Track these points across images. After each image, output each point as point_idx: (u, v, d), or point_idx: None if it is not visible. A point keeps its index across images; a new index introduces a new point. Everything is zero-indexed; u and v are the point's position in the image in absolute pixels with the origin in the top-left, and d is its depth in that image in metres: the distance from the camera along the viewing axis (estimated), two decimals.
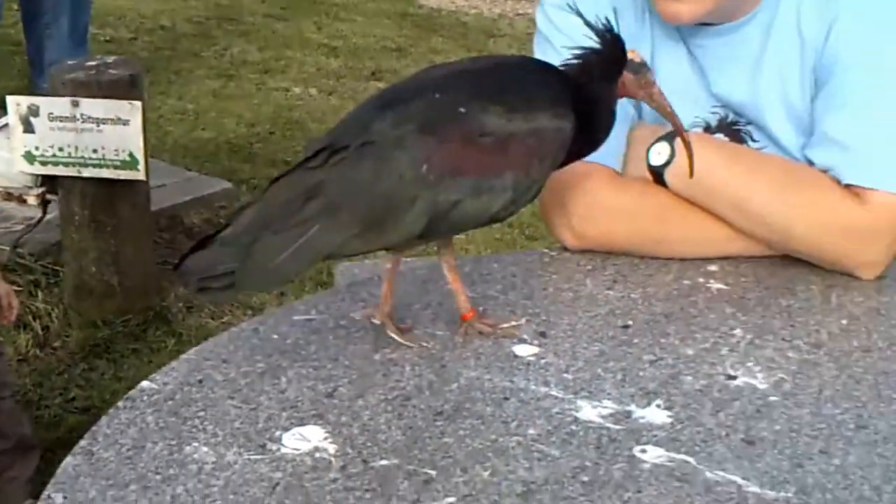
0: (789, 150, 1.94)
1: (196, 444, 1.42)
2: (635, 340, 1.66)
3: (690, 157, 1.66)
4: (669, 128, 1.84)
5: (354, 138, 1.47)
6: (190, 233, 4.70)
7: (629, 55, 1.58)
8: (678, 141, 1.83)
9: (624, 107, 1.91)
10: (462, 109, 1.48)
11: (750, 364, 1.61)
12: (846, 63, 1.85)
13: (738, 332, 1.69)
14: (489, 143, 1.49)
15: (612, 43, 1.55)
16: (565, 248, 1.93)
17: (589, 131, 1.58)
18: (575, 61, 1.57)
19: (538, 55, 1.96)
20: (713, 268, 1.88)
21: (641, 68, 1.59)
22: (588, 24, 1.54)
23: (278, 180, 1.51)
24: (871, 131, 1.83)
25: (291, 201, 1.46)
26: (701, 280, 1.85)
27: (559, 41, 1.89)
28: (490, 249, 4.49)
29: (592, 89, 1.57)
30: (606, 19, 1.53)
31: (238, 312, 4.24)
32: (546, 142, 1.52)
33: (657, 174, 1.85)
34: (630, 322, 1.71)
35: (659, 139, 1.86)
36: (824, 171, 1.83)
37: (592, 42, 1.55)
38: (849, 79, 1.85)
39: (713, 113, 1.98)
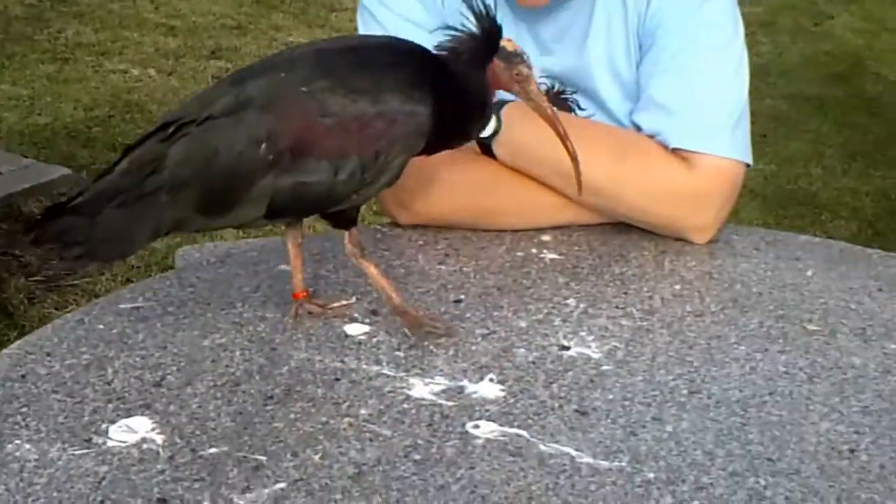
0: (618, 117, 1.94)
1: (18, 441, 1.37)
2: (468, 314, 1.64)
3: (577, 168, 1.56)
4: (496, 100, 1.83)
5: (200, 114, 1.44)
6: (29, 222, 4.58)
7: (503, 42, 1.49)
8: (505, 111, 1.81)
9: None
10: (304, 89, 1.44)
11: (583, 334, 1.61)
12: (668, 27, 1.85)
13: (571, 301, 1.69)
14: (331, 125, 1.44)
15: (483, 25, 1.47)
16: (397, 224, 1.91)
17: (457, 119, 1.52)
18: (446, 43, 1.50)
19: (361, 30, 1.93)
20: (546, 238, 1.87)
21: (514, 58, 1.49)
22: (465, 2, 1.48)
23: (128, 151, 1.48)
24: (696, 95, 1.84)
25: (136, 173, 1.44)
26: (534, 251, 1.84)
27: (382, 14, 1.86)
28: None
29: (461, 75, 1.49)
30: (483, 1, 1.47)
31: (83, 301, 4.15)
32: (395, 126, 1.45)
33: (485, 146, 1.84)
34: (462, 296, 1.69)
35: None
36: (652, 137, 1.83)
37: (461, 22, 1.49)
38: (671, 43, 1.86)
39: (540, 83, 1.97)
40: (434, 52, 1.50)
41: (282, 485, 1.30)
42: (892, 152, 5.28)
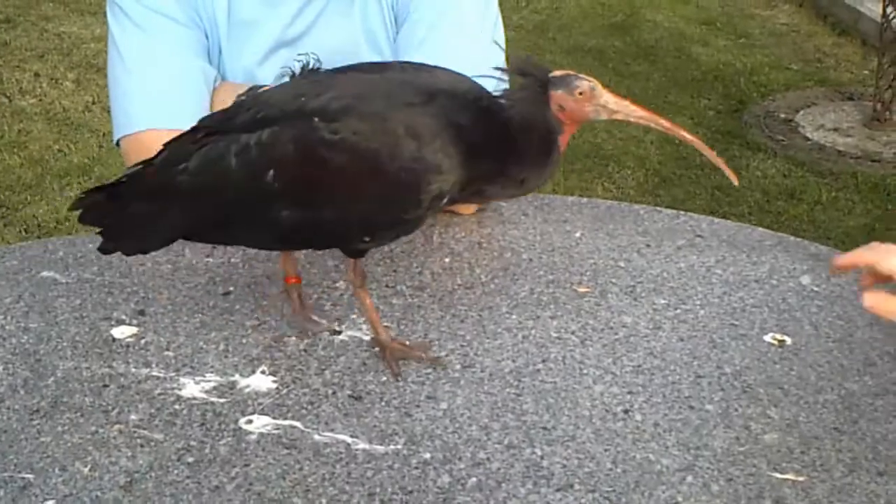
0: None
1: None
2: (237, 307, 1.62)
3: (708, 151, 1.39)
4: (249, 86, 1.80)
5: (225, 123, 1.41)
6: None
7: (553, 74, 1.38)
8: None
9: (206, 71, 1.85)
10: (317, 121, 1.33)
11: (354, 316, 1.59)
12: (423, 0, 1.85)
13: (340, 284, 1.67)
14: (346, 165, 1.33)
15: (522, 67, 1.39)
16: None
17: (510, 163, 1.38)
18: (499, 87, 1.40)
19: (111, 24, 1.87)
20: None
21: (567, 80, 1.37)
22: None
23: (168, 145, 1.46)
24: (450, 64, 1.83)
25: (163, 171, 1.42)
26: None
27: (130, 7, 1.82)
28: None
29: (511, 117, 1.37)
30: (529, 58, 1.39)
31: None
32: (410, 175, 1.33)
33: None
34: (231, 288, 1.66)
35: (240, 97, 1.81)
36: None
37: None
38: (426, 15, 1.85)
39: (297, 61, 1.94)
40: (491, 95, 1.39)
41: (50, 502, 1.26)
42: (672, 97, 5.37)
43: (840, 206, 4.45)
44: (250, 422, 1.39)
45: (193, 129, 1.43)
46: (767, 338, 1.58)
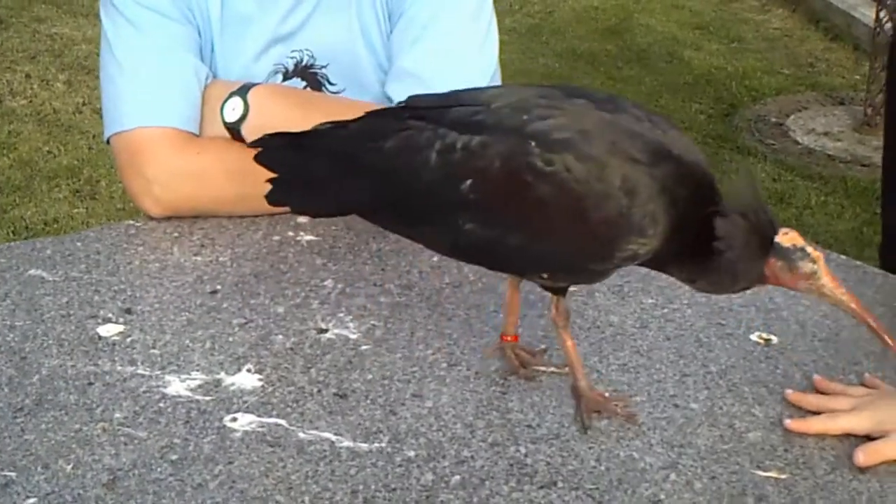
0: (373, 90, 1.93)
1: None
2: (224, 305, 1.62)
3: (874, 328, 1.30)
4: (241, 83, 1.81)
5: (441, 112, 1.35)
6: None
7: (779, 238, 1.27)
8: (252, 93, 1.79)
9: (197, 69, 1.86)
10: (534, 145, 1.26)
11: (341, 315, 1.59)
12: None
13: (328, 283, 1.67)
14: (545, 198, 1.26)
15: (755, 217, 1.28)
16: (152, 218, 1.86)
17: (695, 262, 1.31)
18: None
19: (104, 23, 1.88)
20: (303, 219, 1.85)
21: (792, 254, 1.27)
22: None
23: (372, 114, 1.45)
24: (447, 63, 1.84)
25: (358, 139, 1.39)
26: (291, 234, 1.81)
27: (125, 5, 1.83)
28: None
29: (721, 247, 1.28)
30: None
31: None
32: (611, 231, 1.26)
33: (234, 130, 1.80)
34: (219, 286, 1.66)
35: (231, 94, 1.81)
36: None
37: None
38: (421, 13, 1.85)
39: (291, 58, 1.94)
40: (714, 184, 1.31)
41: (33, 500, 1.26)
42: (664, 101, 5.38)
43: (829, 211, 4.46)
44: (235, 420, 1.39)
45: (402, 107, 1.41)
46: (754, 337, 1.58)
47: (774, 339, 1.58)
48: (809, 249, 1.27)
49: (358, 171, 1.37)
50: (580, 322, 1.59)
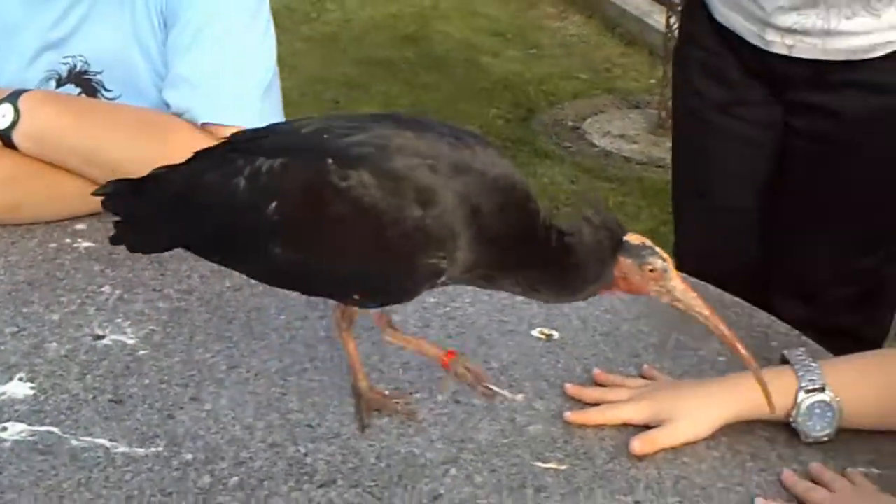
0: (150, 96, 1.90)
1: None
2: None
3: (756, 372, 1.29)
4: (11, 90, 1.76)
5: (259, 143, 1.32)
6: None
7: (627, 236, 1.27)
8: (22, 99, 1.74)
9: None
10: (331, 162, 1.24)
11: (119, 320, 1.56)
12: (191, 2, 1.83)
13: (106, 289, 1.64)
14: (343, 216, 1.24)
15: (603, 216, 1.27)
16: None
17: (537, 271, 1.29)
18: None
19: None
20: (81, 226, 1.81)
21: (642, 251, 1.26)
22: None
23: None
24: (221, 68, 1.82)
25: (186, 176, 1.36)
26: (68, 240, 1.77)
27: None
28: None
29: (569, 250, 1.27)
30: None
31: None
32: (408, 245, 1.23)
33: (5, 137, 1.75)
34: None
35: (1, 101, 1.76)
36: (181, 114, 1.80)
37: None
38: (195, 18, 1.83)
39: (64, 64, 1.90)
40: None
41: None
42: (462, 107, 5.41)
43: (626, 211, 4.53)
44: (5, 429, 1.35)
45: (226, 142, 1.38)
46: (535, 332, 1.59)
47: (556, 334, 1.59)
48: (658, 249, 1.27)
49: (184, 209, 1.35)
50: (362, 322, 1.57)
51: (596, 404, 1.46)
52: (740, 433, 1.42)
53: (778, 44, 2.06)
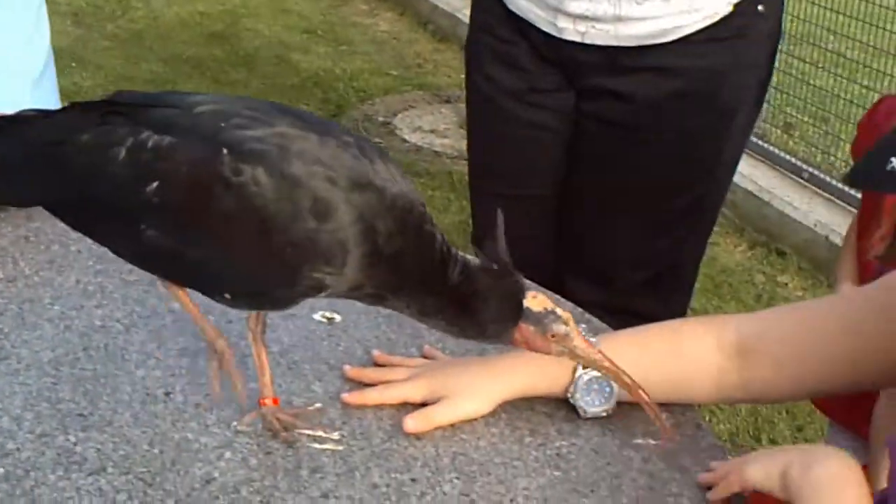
0: None
1: None
2: None
3: (655, 412, 1.31)
4: None
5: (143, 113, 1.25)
6: None
7: (528, 302, 1.26)
8: None
9: None
10: (225, 152, 1.18)
11: None
12: None
13: None
14: (230, 212, 1.18)
15: (503, 286, 1.26)
16: None
17: (434, 301, 1.27)
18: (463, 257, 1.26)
19: None
20: None
21: (545, 319, 1.25)
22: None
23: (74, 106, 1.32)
24: None
25: (57, 130, 1.28)
26: None
27: None
28: None
29: (472, 305, 1.26)
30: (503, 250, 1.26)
31: None
32: (294, 254, 1.19)
33: None
34: None
35: None
36: None
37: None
38: None
39: None
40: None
41: None
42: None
43: (436, 205, 4.55)
44: None
45: (107, 101, 1.30)
46: (317, 316, 1.59)
47: (338, 317, 1.59)
48: (559, 311, 1.25)
49: (51, 164, 1.27)
50: (139, 310, 1.57)
51: (376, 384, 1.46)
52: (519, 409, 1.43)
53: (570, 30, 2.08)
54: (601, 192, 2.22)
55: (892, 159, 1.03)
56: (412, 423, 1.39)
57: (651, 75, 2.09)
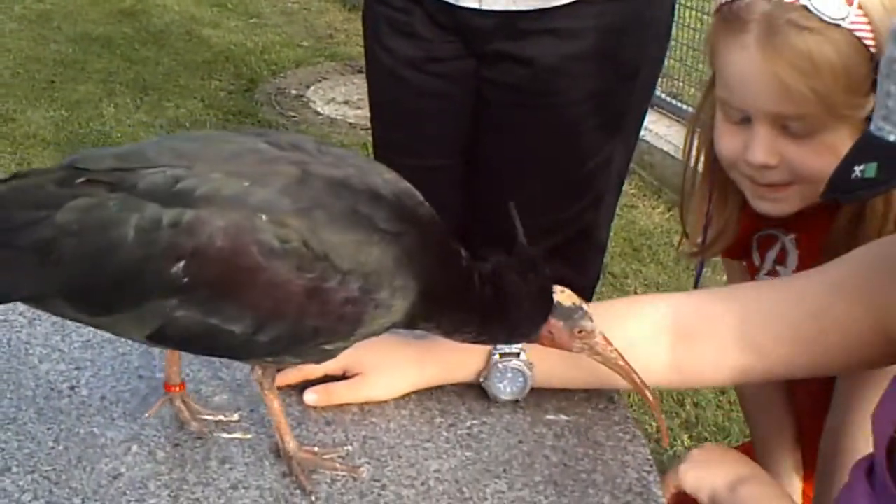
0: None
1: None
2: None
3: (659, 415, 1.31)
4: None
5: (120, 175, 1.12)
6: None
7: (558, 296, 1.23)
8: None
9: None
10: (264, 217, 1.10)
11: None
12: None
13: None
14: (277, 277, 1.10)
15: (536, 281, 1.23)
16: None
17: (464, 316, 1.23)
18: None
19: None
20: None
21: (574, 314, 1.24)
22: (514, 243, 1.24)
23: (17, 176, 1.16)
24: None
25: (14, 210, 1.12)
26: None
27: None
28: None
29: (505, 309, 1.22)
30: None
31: None
32: (353, 310, 1.14)
33: None
34: None
35: None
36: None
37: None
38: None
39: None
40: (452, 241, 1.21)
41: None
42: (183, 81, 5.32)
43: None
44: None
45: (65, 168, 1.15)
46: None
47: None
48: (585, 307, 1.24)
49: (15, 250, 1.12)
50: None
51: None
52: (430, 389, 1.42)
53: None
54: (508, 158, 2.20)
55: (856, 168, 1.05)
56: (313, 396, 1.37)
57: (551, 38, 2.06)
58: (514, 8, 2.04)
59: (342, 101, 5.33)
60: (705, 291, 1.65)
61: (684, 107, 4.60)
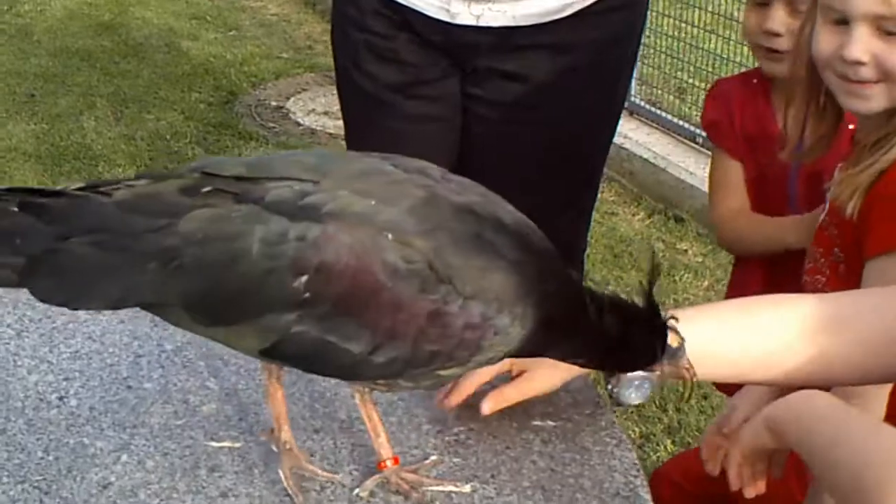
0: None
1: None
2: None
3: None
4: None
5: (247, 186, 1.13)
6: None
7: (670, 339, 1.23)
8: None
9: None
10: (389, 236, 1.10)
11: None
12: None
13: None
14: (398, 297, 1.10)
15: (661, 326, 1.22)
16: None
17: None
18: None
19: None
20: None
21: (678, 352, 1.23)
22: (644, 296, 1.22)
23: (140, 178, 1.16)
24: None
25: (136, 217, 1.12)
26: None
27: None
28: None
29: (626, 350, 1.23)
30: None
31: None
32: (473, 336, 1.13)
33: None
34: None
35: None
36: None
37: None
38: None
39: None
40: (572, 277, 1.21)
41: None
42: (163, 93, 5.32)
43: None
44: None
45: (190, 173, 1.16)
46: None
47: None
48: (685, 345, 1.24)
49: (138, 257, 1.12)
50: (30, 314, 1.55)
51: None
52: (417, 398, 1.43)
53: (464, 14, 2.02)
54: (496, 175, 2.20)
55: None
56: (488, 404, 1.35)
57: (547, 52, 2.05)
58: (512, 24, 2.02)
59: (322, 111, 5.33)
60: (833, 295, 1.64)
61: (663, 114, 4.62)
